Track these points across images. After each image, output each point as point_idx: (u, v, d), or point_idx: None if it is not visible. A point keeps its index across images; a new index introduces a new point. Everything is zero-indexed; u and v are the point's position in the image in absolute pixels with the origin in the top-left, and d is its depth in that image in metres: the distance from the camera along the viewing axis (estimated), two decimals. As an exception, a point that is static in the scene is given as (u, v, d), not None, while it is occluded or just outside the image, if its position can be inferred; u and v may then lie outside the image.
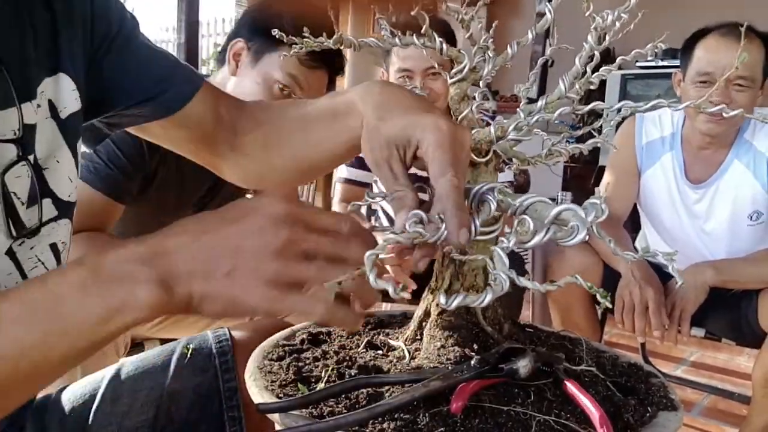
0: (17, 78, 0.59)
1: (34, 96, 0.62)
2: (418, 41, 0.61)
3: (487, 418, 0.51)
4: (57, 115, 0.66)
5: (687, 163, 1.71)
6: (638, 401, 0.58)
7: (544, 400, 0.54)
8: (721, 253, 1.70)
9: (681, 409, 0.59)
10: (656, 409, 0.57)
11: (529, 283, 0.48)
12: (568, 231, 0.48)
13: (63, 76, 0.66)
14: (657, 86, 3.48)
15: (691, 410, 2.08)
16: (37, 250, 0.63)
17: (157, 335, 1.43)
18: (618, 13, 0.58)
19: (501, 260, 0.47)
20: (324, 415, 0.52)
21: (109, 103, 0.73)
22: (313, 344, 0.68)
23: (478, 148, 0.60)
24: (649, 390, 0.62)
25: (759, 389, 1.51)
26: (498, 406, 0.52)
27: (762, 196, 1.61)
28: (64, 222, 0.67)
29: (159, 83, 0.74)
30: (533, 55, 3.04)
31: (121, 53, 0.72)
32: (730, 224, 1.67)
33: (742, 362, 2.54)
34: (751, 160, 1.61)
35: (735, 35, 1.49)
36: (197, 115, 0.76)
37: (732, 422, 1.98)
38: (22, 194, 0.61)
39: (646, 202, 1.81)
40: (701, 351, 2.64)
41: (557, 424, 0.51)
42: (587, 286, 0.49)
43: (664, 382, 0.65)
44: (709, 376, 2.39)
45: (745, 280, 1.53)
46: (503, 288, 0.46)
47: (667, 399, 0.60)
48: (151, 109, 0.74)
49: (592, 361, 0.64)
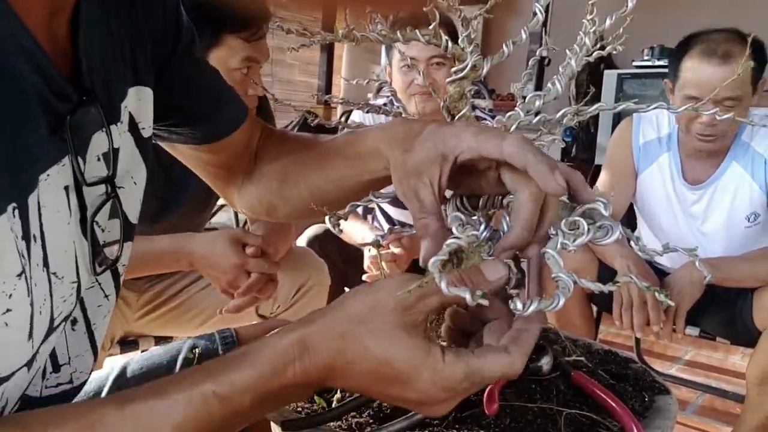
0: (104, 100, 0.54)
1: (119, 117, 0.58)
2: (422, 37, 0.61)
3: (517, 417, 0.51)
4: (136, 129, 0.61)
5: (684, 164, 1.71)
6: (633, 388, 0.59)
7: (560, 393, 0.54)
8: (718, 254, 1.71)
9: (672, 392, 0.60)
10: (652, 393, 0.58)
11: (592, 285, 0.47)
12: (604, 231, 0.48)
13: (144, 88, 0.62)
14: (653, 85, 3.49)
15: (686, 409, 2.09)
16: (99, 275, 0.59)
17: (152, 332, 1.43)
18: (615, 16, 0.58)
19: (556, 263, 0.46)
20: (354, 428, 0.50)
21: (163, 117, 0.69)
22: None
23: None
24: (637, 376, 0.63)
25: (753, 388, 1.52)
26: (525, 404, 0.52)
27: (760, 197, 1.61)
28: (127, 245, 0.61)
29: (213, 104, 0.72)
30: (530, 54, 3.04)
31: (180, 67, 0.68)
32: (727, 225, 1.68)
33: (736, 361, 2.55)
34: (749, 162, 1.62)
35: (719, 56, 1.46)
36: (235, 144, 0.75)
37: (726, 421, 1.99)
38: (104, 226, 0.57)
39: (643, 202, 1.81)
40: (696, 350, 2.65)
41: (582, 416, 0.52)
42: (656, 291, 0.47)
43: (644, 367, 0.66)
44: (703, 375, 2.40)
45: (740, 278, 1.53)
46: (569, 290, 0.45)
47: (657, 383, 0.62)
48: (202, 132, 0.72)
49: (579, 351, 0.65)
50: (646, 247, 0.53)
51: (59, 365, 0.58)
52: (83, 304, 0.59)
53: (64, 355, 0.59)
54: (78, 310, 0.58)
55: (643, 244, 0.53)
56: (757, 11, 3.24)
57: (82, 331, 0.60)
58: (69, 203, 0.51)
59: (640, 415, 0.54)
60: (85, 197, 0.52)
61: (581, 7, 0.60)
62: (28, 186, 0.45)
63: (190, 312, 1.40)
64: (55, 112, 0.48)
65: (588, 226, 0.47)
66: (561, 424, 0.50)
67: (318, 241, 1.77)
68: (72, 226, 0.52)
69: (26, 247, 0.45)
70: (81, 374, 0.61)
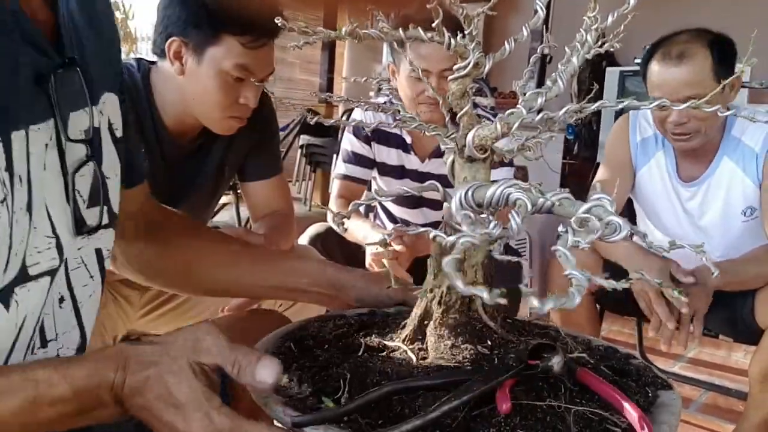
0: (88, 82, 0.63)
1: (97, 102, 0.67)
2: (426, 36, 0.61)
3: (527, 415, 0.51)
4: (113, 132, 0.71)
5: (678, 162, 1.72)
6: (636, 383, 0.59)
7: (568, 390, 0.54)
8: (718, 249, 1.71)
9: (675, 387, 0.60)
10: (655, 389, 0.58)
11: (605, 282, 0.47)
12: (612, 227, 0.48)
13: (114, 95, 0.71)
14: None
15: (689, 406, 2.09)
16: (83, 251, 0.67)
17: (154, 331, 1.42)
18: (617, 14, 0.58)
19: (568, 260, 0.46)
20: (364, 428, 0.49)
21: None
22: (303, 351, 0.65)
23: (480, 145, 0.60)
24: (639, 371, 0.63)
25: (756, 385, 1.51)
26: (534, 402, 0.52)
27: (753, 191, 1.61)
28: (111, 231, 0.71)
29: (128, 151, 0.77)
30: (531, 51, 3.04)
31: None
32: (723, 221, 1.68)
33: (739, 358, 2.54)
34: (740, 157, 1.61)
35: (673, 57, 1.48)
36: (136, 200, 0.82)
37: (729, 418, 1.99)
38: (84, 193, 0.65)
39: (643, 198, 1.81)
40: (699, 347, 2.65)
41: (592, 413, 0.52)
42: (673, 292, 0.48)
43: (645, 362, 0.66)
44: (706, 373, 2.40)
45: (747, 279, 1.52)
46: (584, 287, 0.45)
47: (659, 378, 0.62)
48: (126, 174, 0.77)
49: (581, 348, 0.65)
50: (653, 244, 0.53)
51: (47, 341, 0.64)
52: (70, 283, 0.66)
53: (51, 330, 0.64)
54: (65, 289, 0.65)
55: (650, 241, 0.53)
56: (757, 8, 3.23)
57: (69, 309, 0.66)
58: (53, 161, 0.60)
59: (646, 410, 0.54)
60: (66, 158, 0.61)
61: (582, 5, 0.60)
62: (12, 122, 0.54)
63: (192, 311, 1.41)
64: (37, 65, 0.57)
65: (599, 223, 0.47)
66: (570, 422, 0.50)
67: (320, 239, 1.77)
68: (55, 185, 0.60)
69: (9, 180, 0.54)
70: (67, 351, 0.67)
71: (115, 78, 0.73)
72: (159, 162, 1.30)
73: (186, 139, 1.34)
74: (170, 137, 1.31)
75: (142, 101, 1.27)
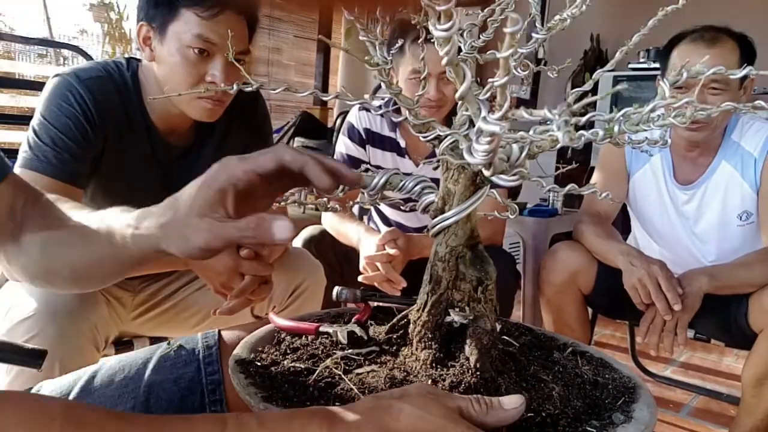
0: None
1: None
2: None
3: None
4: None
5: (675, 165, 1.72)
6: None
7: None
8: (712, 253, 1.71)
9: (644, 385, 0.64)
10: None
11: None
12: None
13: None
14: (648, 87, 3.49)
15: (680, 411, 2.09)
16: None
17: (147, 333, 1.42)
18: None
19: None
20: None
21: None
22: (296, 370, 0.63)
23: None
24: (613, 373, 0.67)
25: (748, 390, 1.52)
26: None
27: (750, 196, 1.62)
28: None
29: None
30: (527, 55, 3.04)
31: None
32: (719, 225, 1.68)
33: (731, 363, 2.55)
34: (738, 161, 1.62)
35: (705, 40, 1.52)
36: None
37: (721, 423, 1.99)
38: None
39: (637, 203, 1.82)
40: (690, 352, 2.66)
41: None
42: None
43: (603, 357, 0.70)
44: (698, 377, 2.40)
45: (738, 284, 1.52)
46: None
47: (625, 377, 0.66)
48: None
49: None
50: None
51: None
52: None
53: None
54: None
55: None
56: (751, 18, 3.25)
57: None
58: None
59: (629, 399, 0.58)
60: None
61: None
62: None
63: (185, 312, 1.40)
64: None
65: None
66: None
67: (314, 242, 1.76)
68: None
69: None
70: None
71: None
72: (152, 164, 1.30)
73: (175, 137, 1.33)
74: (160, 137, 1.30)
75: (133, 100, 1.26)
